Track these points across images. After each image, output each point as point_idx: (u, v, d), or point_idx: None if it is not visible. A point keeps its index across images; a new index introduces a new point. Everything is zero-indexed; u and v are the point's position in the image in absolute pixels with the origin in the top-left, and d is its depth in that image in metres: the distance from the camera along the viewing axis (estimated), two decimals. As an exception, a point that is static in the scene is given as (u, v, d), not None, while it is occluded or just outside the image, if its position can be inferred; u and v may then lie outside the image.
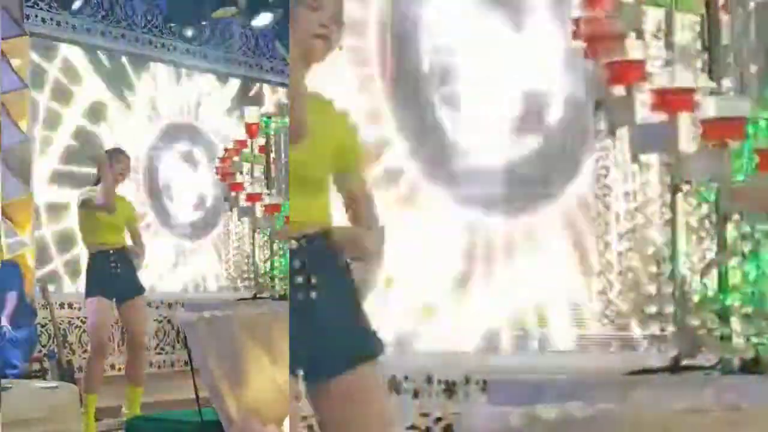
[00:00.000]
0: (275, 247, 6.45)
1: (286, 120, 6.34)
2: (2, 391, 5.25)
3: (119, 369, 8.71)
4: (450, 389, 2.74)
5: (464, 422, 2.14)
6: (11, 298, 7.48)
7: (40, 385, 6.09)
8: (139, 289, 6.78)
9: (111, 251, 6.60)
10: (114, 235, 6.67)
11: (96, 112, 9.55)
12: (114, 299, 6.60)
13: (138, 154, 9.33)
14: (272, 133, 6.64)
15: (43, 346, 8.16)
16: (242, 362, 4.99)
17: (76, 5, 9.14)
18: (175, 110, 10.42)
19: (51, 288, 8.22)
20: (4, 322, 7.35)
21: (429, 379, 2.89)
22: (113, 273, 6.58)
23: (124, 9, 9.66)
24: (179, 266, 10.25)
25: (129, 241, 6.80)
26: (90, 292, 6.57)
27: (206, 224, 10.45)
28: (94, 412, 6.62)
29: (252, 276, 6.64)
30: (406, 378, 3.02)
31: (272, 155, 6.64)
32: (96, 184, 6.58)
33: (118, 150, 7.01)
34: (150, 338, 9.05)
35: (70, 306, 8.77)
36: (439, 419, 2.56)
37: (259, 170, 6.66)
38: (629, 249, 2.08)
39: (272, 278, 6.39)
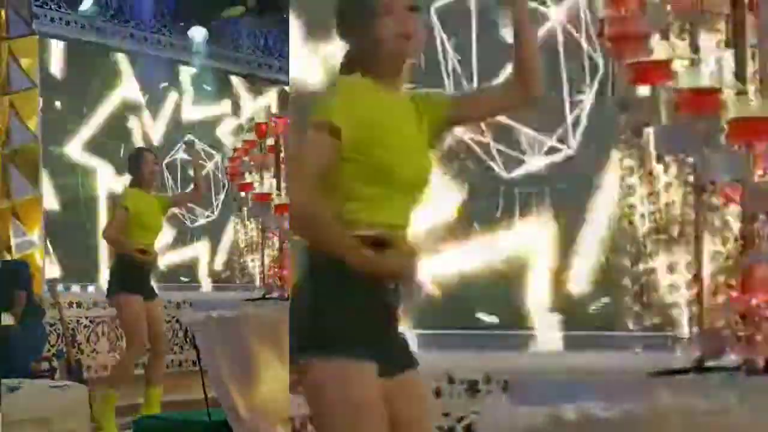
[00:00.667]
0: (285, 246, 6.46)
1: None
2: (11, 391, 5.26)
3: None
4: (472, 389, 2.73)
5: (486, 422, 2.13)
6: (20, 297, 7.48)
7: (48, 385, 6.09)
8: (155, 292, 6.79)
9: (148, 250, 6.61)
10: (148, 238, 6.66)
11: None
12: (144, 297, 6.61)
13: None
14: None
15: (52, 346, 8.16)
16: (251, 362, 4.99)
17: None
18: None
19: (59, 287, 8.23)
20: (14, 321, 7.35)
21: (451, 379, 2.89)
22: (144, 273, 6.59)
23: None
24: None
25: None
26: (123, 288, 6.54)
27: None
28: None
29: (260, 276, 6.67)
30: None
31: (281, 155, 6.66)
32: (132, 185, 6.61)
33: (142, 149, 7.01)
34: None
35: (79, 305, 8.78)
36: (461, 418, 2.55)
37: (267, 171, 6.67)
38: (655, 250, 2.07)
39: (281, 278, 6.39)
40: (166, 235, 9.64)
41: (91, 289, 9.19)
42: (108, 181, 9.84)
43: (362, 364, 2.34)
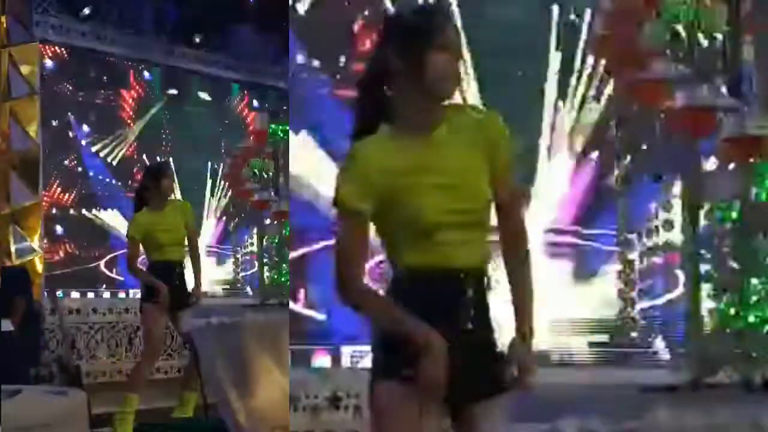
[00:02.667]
0: (283, 253, 6.49)
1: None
2: (11, 397, 5.26)
3: (126, 374, 8.73)
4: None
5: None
6: (20, 303, 7.48)
7: (47, 391, 6.09)
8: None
9: (173, 264, 6.61)
10: (175, 252, 6.66)
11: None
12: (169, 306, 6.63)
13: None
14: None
15: (51, 352, 8.16)
16: (250, 368, 5.00)
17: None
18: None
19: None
20: (13, 327, 7.35)
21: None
22: (173, 283, 6.60)
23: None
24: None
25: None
26: (145, 298, 6.58)
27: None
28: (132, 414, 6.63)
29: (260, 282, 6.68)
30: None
31: (280, 162, 6.68)
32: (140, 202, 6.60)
33: (164, 163, 6.98)
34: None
35: (78, 311, 8.78)
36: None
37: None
38: (651, 265, 2.08)
39: (279, 285, 6.41)
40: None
41: (90, 295, 9.18)
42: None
43: (395, 386, 2.44)
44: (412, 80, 2.52)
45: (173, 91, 10.37)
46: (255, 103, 10.86)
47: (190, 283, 6.71)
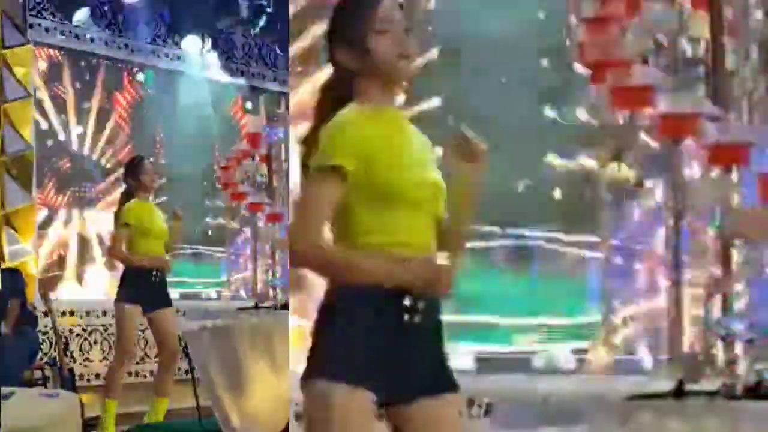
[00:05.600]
0: (277, 256, 6.47)
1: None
2: (4, 399, 5.25)
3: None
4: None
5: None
6: (13, 305, 7.47)
7: (40, 393, 6.09)
8: (170, 300, 6.80)
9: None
10: (156, 246, 6.69)
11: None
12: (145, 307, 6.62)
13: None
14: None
15: (45, 354, 8.16)
16: (243, 371, 5.00)
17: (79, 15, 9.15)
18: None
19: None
20: (6, 329, 7.34)
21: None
22: (150, 283, 6.61)
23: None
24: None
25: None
26: (120, 297, 6.58)
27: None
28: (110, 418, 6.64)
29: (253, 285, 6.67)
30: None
31: (274, 165, 6.67)
32: (129, 193, 6.65)
33: (141, 158, 7.00)
34: (152, 346, 9.04)
35: (72, 314, 8.78)
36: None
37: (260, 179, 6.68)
38: (634, 271, 2.09)
39: (273, 288, 6.40)
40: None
41: (84, 297, 9.17)
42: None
43: (344, 388, 2.31)
44: (365, 67, 2.48)
45: (166, 94, 10.35)
46: (249, 105, 10.86)
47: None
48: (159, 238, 6.68)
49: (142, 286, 6.53)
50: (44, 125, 9.04)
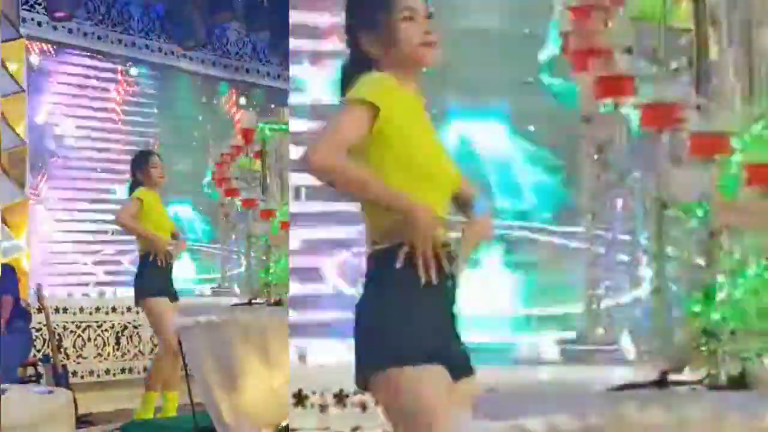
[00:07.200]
0: (271, 252, 6.46)
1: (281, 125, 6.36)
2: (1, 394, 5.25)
3: (113, 374, 8.74)
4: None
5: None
6: (7, 302, 7.48)
7: (33, 390, 6.08)
8: (176, 293, 6.87)
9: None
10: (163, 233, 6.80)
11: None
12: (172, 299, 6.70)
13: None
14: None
15: (38, 351, 8.15)
16: (237, 367, 5.00)
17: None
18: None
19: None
20: (1, 326, 7.35)
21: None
22: (167, 273, 6.71)
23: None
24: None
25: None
26: (151, 291, 6.65)
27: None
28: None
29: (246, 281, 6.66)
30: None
31: (267, 161, 6.65)
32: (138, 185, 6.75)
33: (149, 152, 7.12)
34: (145, 343, 9.05)
35: (65, 310, 8.77)
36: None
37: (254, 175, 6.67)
38: (617, 262, 2.09)
39: (267, 284, 6.39)
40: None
41: (77, 294, 9.18)
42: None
43: (433, 369, 2.32)
44: (388, 54, 2.47)
45: (161, 89, 10.35)
46: (243, 101, 10.86)
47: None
48: (165, 230, 6.80)
49: (161, 275, 6.65)
50: (38, 120, 9.04)
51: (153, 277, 6.67)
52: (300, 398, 4.89)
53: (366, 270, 2.44)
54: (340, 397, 4.68)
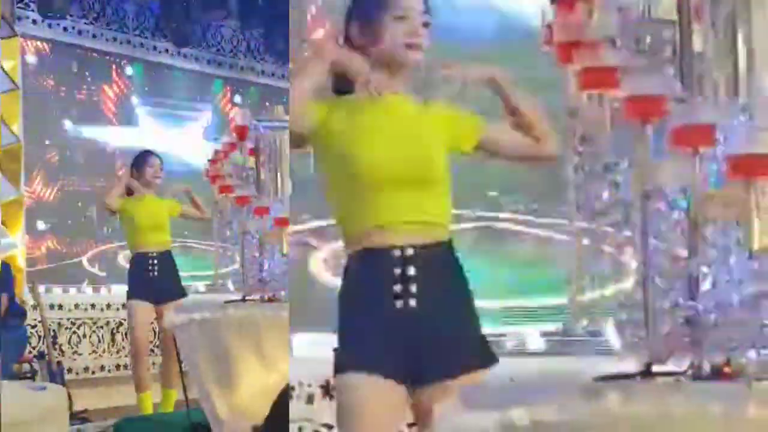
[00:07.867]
0: (264, 249, 6.46)
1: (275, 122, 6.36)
2: (-4, 391, 5.25)
3: (108, 370, 8.74)
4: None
5: (438, 426, 2.16)
6: (2, 299, 7.48)
7: (28, 387, 6.08)
8: (181, 292, 6.90)
9: (152, 253, 6.77)
10: (154, 236, 6.82)
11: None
12: (153, 301, 6.74)
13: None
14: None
15: (33, 348, 8.16)
16: (231, 364, 5.01)
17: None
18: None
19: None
20: (-5, 323, 7.35)
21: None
22: (152, 276, 6.73)
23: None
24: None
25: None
26: (131, 294, 6.74)
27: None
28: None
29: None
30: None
31: (261, 158, 6.65)
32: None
33: (148, 152, 7.19)
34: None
35: (60, 307, 8.77)
36: (412, 424, 2.57)
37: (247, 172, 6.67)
38: (601, 253, 2.10)
39: (261, 281, 6.39)
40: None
41: (72, 291, 9.18)
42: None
43: (361, 377, 2.38)
44: (374, 49, 2.50)
45: (155, 87, 10.35)
46: (237, 98, 10.86)
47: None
48: (154, 231, 6.82)
49: (144, 278, 6.72)
50: (32, 118, 9.04)
51: (132, 278, 6.78)
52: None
53: None
54: (327, 389, 4.70)
